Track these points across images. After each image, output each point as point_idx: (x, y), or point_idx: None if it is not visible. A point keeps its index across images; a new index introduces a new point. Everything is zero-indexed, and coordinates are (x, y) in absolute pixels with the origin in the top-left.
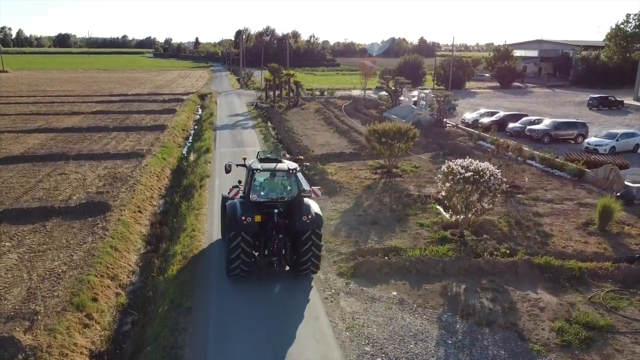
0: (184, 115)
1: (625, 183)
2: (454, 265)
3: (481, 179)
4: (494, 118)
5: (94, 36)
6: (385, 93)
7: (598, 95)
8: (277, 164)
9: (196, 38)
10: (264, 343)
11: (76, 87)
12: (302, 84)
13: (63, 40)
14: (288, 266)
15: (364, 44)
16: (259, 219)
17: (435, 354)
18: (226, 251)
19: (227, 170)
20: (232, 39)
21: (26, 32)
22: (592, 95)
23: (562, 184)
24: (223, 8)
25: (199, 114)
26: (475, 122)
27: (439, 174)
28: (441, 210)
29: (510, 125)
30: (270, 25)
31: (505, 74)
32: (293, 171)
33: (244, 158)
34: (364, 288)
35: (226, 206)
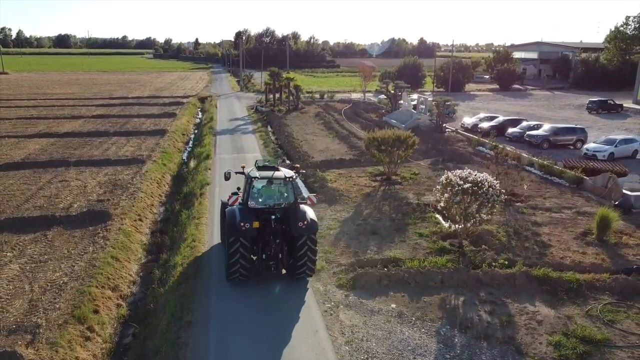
0: (184, 120)
1: (623, 191)
2: (452, 276)
3: (479, 190)
4: (493, 123)
5: (94, 36)
6: (385, 96)
7: (597, 99)
8: (275, 172)
9: (196, 39)
10: (265, 359)
11: (76, 90)
12: (302, 87)
13: (63, 41)
14: (285, 270)
15: (364, 45)
16: (257, 225)
17: None
18: (226, 256)
19: (227, 177)
20: (232, 40)
21: (26, 33)
22: (592, 99)
23: (561, 192)
24: (223, 8)
25: (199, 117)
26: (475, 127)
27: (438, 184)
28: (440, 220)
29: (510, 130)
30: (270, 26)
31: (504, 76)
32: (289, 179)
33: (243, 166)
34: (363, 300)
35: (225, 212)
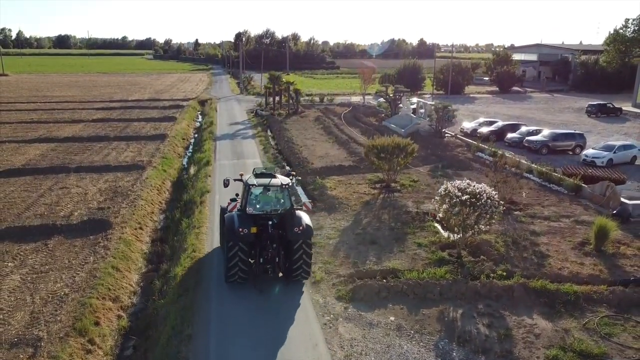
0: (184, 124)
1: (621, 200)
2: (451, 288)
3: (478, 202)
4: (493, 128)
5: (93, 37)
6: (385, 100)
7: (596, 103)
8: (271, 179)
9: (196, 39)
10: None
11: (76, 93)
12: (302, 90)
13: (63, 42)
14: (281, 273)
15: (364, 45)
16: (254, 230)
17: None
18: (225, 259)
19: (226, 184)
20: (232, 41)
21: (26, 33)
22: (591, 103)
23: (560, 200)
24: (223, 9)
25: (199, 121)
26: (474, 132)
27: (437, 195)
28: (439, 229)
29: (509, 135)
30: (270, 27)
31: (504, 78)
32: (286, 186)
33: (241, 174)
34: (362, 313)
35: (225, 218)
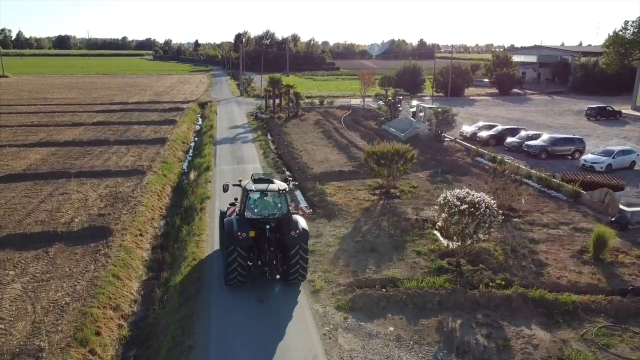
0: (184, 127)
1: (620, 207)
2: (450, 298)
3: (477, 211)
4: (492, 132)
5: (93, 37)
6: (384, 103)
7: (596, 106)
8: (269, 185)
9: (196, 40)
10: None
11: (77, 95)
12: (301, 92)
13: (63, 42)
14: (278, 275)
15: (364, 45)
16: (252, 234)
17: None
18: (224, 262)
19: (225, 189)
20: (232, 41)
21: (26, 34)
22: (590, 106)
23: (559, 206)
24: (223, 9)
25: (199, 124)
26: (474, 136)
27: (436, 204)
28: (439, 237)
29: (508, 139)
30: (270, 28)
31: (504, 80)
32: (283, 191)
33: (240, 180)
34: (362, 323)
35: (224, 222)
